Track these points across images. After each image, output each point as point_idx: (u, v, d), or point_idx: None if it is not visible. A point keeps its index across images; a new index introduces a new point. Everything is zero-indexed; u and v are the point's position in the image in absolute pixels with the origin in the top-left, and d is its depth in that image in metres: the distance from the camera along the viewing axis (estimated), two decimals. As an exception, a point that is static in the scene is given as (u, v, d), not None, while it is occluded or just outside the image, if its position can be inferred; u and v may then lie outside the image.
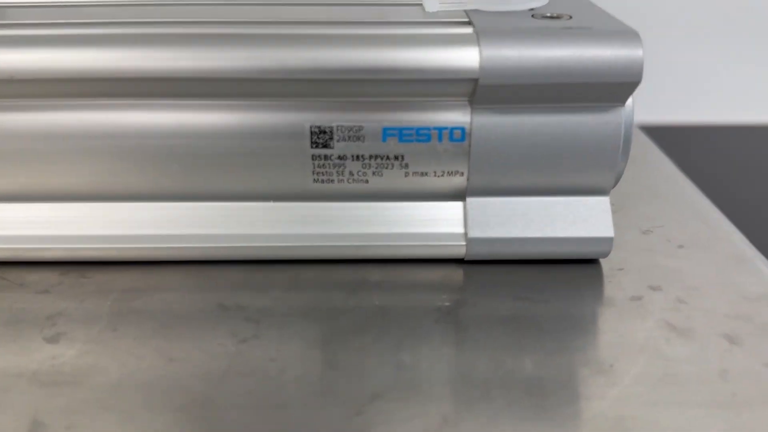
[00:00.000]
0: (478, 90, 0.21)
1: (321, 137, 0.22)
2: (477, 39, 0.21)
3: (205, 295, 0.23)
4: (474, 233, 0.23)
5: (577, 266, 0.24)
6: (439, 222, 0.24)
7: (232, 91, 0.22)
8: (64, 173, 0.23)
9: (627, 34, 0.21)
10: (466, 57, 0.21)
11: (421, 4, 0.25)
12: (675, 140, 0.81)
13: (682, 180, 0.32)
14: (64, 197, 0.24)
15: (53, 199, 0.24)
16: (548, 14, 0.23)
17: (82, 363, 0.20)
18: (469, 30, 0.22)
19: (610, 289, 0.23)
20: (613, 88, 0.21)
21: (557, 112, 0.22)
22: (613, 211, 0.25)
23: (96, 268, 0.24)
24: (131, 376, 0.19)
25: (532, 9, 0.23)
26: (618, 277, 0.24)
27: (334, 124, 0.22)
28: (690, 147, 0.82)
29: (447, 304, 0.23)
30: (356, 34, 0.21)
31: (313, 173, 0.23)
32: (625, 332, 0.21)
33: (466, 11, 0.23)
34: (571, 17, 0.23)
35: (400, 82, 0.21)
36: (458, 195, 0.24)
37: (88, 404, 0.18)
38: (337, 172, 0.23)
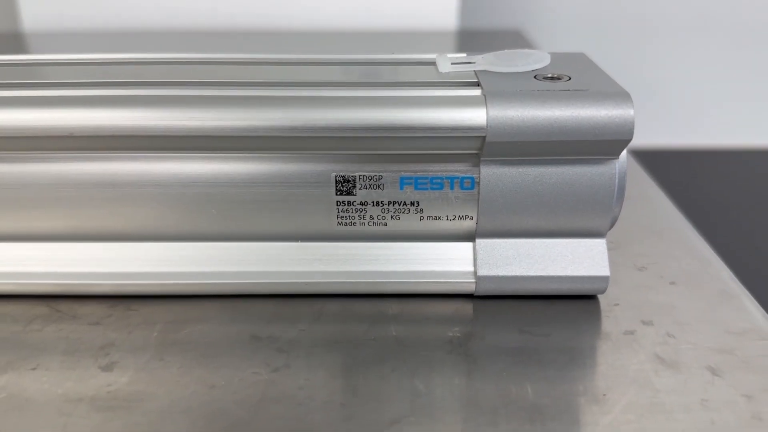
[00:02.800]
0: (485, 146, 0.24)
1: (345, 185, 0.25)
2: (485, 101, 0.23)
3: (240, 327, 0.25)
4: (483, 272, 0.26)
5: (576, 302, 0.27)
6: (450, 261, 0.26)
7: (266, 145, 0.24)
8: (114, 217, 0.26)
9: (620, 96, 0.24)
10: (475, 117, 0.23)
11: (434, 63, 0.28)
12: (665, 164, 0.83)
13: (675, 215, 0.34)
14: (113, 237, 0.26)
15: (103, 239, 0.26)
16: (549, 75, 0.25)
17: (134, 390, 0.22)
18: (477, 92, 0.24)
19: (606, 323, 0.25)
20: (607, 144, 0.24)
21: (557, 164, 0.24)
22: (611, 248, 0.27)
23: (141, 302, 0.26)
24: (177, 402, 0.22)
25: (535, 70, 0.26)
26: (614, 312, 0.26)
27: (356, 174, 0.25)
28: (680, 171, 0.85)
29: (458, 335, 0.25)
30: (377, 96, 0.24)
31: (338, 217, 0.26)
32: (619, 364, 0.23)
33: (475, 72, 0.26)
34: (570, 78, 0.25)
35: (417, 138, 0.24)
36: (468, 237, 0.26)
37: (141, 428, 0.21)
38: (359, 216, 0.26)
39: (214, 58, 0.29)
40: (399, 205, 0.25)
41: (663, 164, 0.83)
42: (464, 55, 0.28)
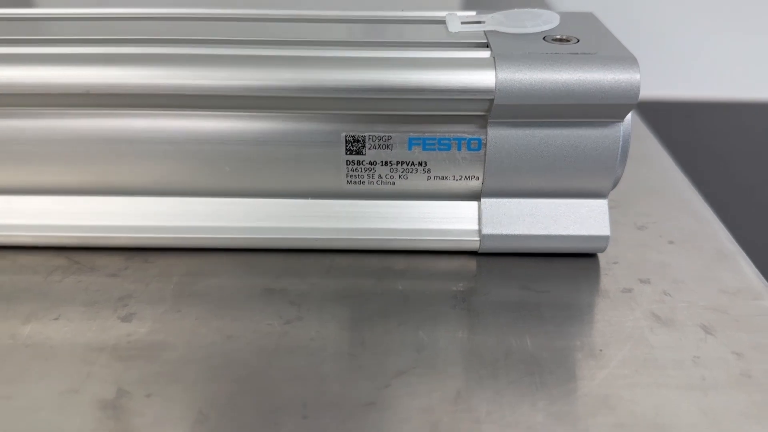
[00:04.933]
0: (493, 108, 0.24)
1: (354, 145, 0.26)
2: (494, 63, 0.24)
3: (254, 280, 0.26)
4: (487, 230, 0.27)
5: (577, 259, 0.27)
6: (456, 219, 0.27)
7: (277, 105, 0.25)
8: (130, 172, 0.26)
9: (626, 60, 0.24)
10: (484, 79, 0.24)
11: (443, 22, 0.28)
12: (668, 115, 0.83)
13: (675, 172, 0.35)
14: (130, 192, 0.27)
15: (120, 193, 0.27)
16: (558, 36, 0.26)
17: (153, 340, 0.23)
18: (486, 54, 0.25)
19: (605, 281, 0.26)
20: (612, 108, 0.24)
21: (563, 127, 0.25)
22: (612, 207, 0.28)
23: (157, 255, 0.27)
24: (195, 351, 0.23)
25: (544, 31, 0.26)
26: (613, 271, 0.27)
27: (366, 134, 0.25)
28: (681, 122, 0.84)
29: (462, 291, 0.26)
30: (387, 57, 0.24)
31: (347, 176, 0.26)
32: (616, 321, 0.24)
33: (485, 32, 0.26)
34: (578, 41, 0.25)
35: (425, 100, 0.24)
36: (474, 196, 0.27)
37: (160, 376, 0.22)
38: (367, 175, 0.26)
39: (224, 14, 0.29)
40: (407, 165, 0.26)
41: (664, 116, 0.83)
42: (473, 13, 0.29)
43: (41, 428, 0.20)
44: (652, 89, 0.82)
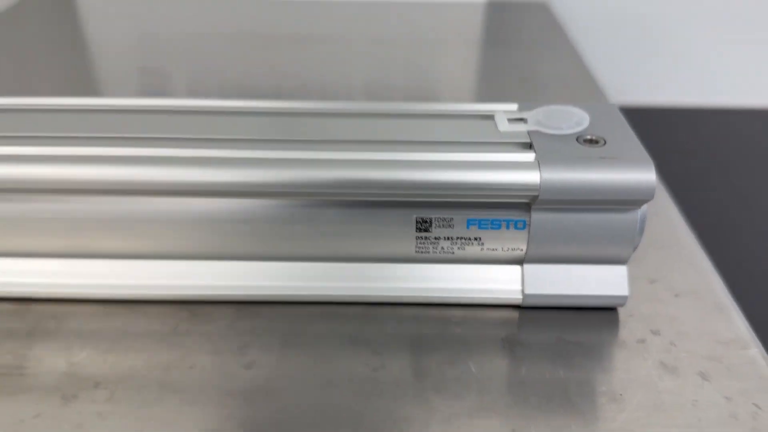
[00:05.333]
0: (537, 200, 0.30)
1: (423, 225, 0.32)
2: (539, 165, 0.30)
3: (342, 329, 0.33)
4: (528, 290, 0.33)
5: (601, 312, 0.34)
6: (503, 281, 0.33)
7: (363, 195, 0.31)
8: (246, 244, 0.33)
9: (644, 163, 0.30)
10: (531, 179, 0.30)
11: (491, 118, 0.34)
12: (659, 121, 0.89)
13: (681, 225, 0.41)
14: (244, 257, 0.33)
15: (236, 258, 0.33)
16: (588, 137, 0.32)
17: (272, 386, 0.30)
18: (532, 157, 0.31)
19: (623, 333, 0.33)
20: (632, 201, 0.30)
21: (592, 211, 0.31)
22: (630, 261, 0.34)
23: (264, 307, 0.34)
24: (306, 395, 0.29)
25: (576, 132, 0.32)
26: (629, 323, 0.33)
27: (433, 216, 0.32)
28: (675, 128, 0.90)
29: (507, 336, 0.32)
30: (452, 160, 0.31)
31: (416, 248, 0.33)
32: (632, 369, 0.31)
33: (528, 132, 0.32)
34: (605, 142, 0.31)
35: (482, 194, 0.30)
36: (518, 262, 0.33)
37: (284, 415, 0.28)
38: (432, 247, 0.32)
39: (280, 108, 0.35)
40: (465, 239, 0.32)
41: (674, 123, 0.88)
42: (515, 107, 0.35)
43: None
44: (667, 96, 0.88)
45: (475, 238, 0.32)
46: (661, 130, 0.86)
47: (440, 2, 0.81)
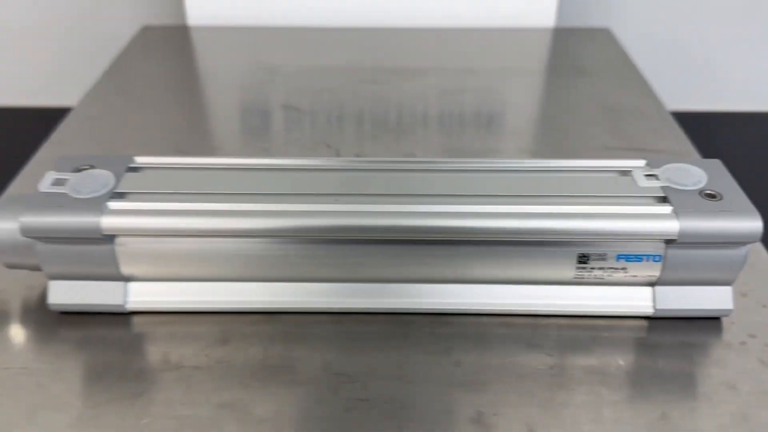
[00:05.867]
0: (674, 242, 0.41)
1: (582, 259, 0.42)
2: (676, 216, 0.40)
3: (515, 333, 0.43)
4: (659, 306, 0.44)
5: (709, 321, 0.45)
6: (639, 298, 0.44)
7: (545, 237, 0.42)
8: (378, 269, 0.43)
9: (753, 215, 0.41)
10: (671, 227, 0.40)
11: (629, 174, 0.44)
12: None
13: (758, 245, 0.52)
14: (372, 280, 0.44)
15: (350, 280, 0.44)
16: (708, 192, 0.42)
17: (479, 377, 0.41)
18: (669, 209, 0.41)
19: (727, 336, 0.44)
20: (742, 242, 0.41)
21: (711, 248, 0.42)
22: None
23: (459, 318, 0.45)
24: (504, 383, 0.40)
25: (698, 188, 0.43)
26: (731, 329, 0.44)
27: (590, 252, 0.42)
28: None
29: (642, 339, 0.43)
30: (609, 212, 0.41)
31: (574, 276, 0.43)
32: (739, 364, 0.42)
33: (661, 187, 0.43)
34: (722, 197, 0.42)
35: (633, 239, 0.41)
36: (651, 284, 0.44)
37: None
38: (587, 274, 0.43)
39: (446, 165, 0.46)
40: (613, 269, 0.43)
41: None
42: (643, 163, 0.45)
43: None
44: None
45: (622, 268, 0.43)
46: (723, 134, 0.96)
47: (507, 28, 0.91)
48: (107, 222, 0.40)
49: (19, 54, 1.00)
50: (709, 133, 0.97)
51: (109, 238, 0.41)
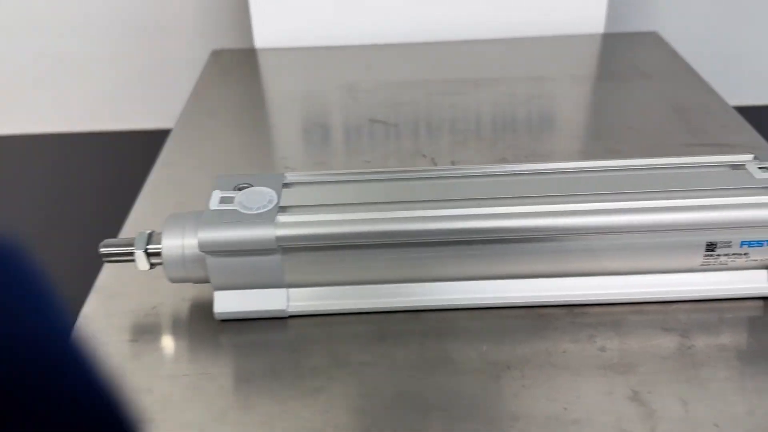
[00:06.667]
0: (795, 227, 0.45)
1: (710, 247, 0.46)
2: (797, 204, 0.45)
3: (649, 318, 0.47)
4: (776, 286, 0.48)
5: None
6: (759, 280, 0.48)
7: (677, 228, 0.45)
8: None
9: None
10: (793, 213, 0.44)
11: (743, 167, 0.48)
12: None
13: None
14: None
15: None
16: (819, 180, 0.46)
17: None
18: (790, 197, 0.45)
19: (844, 312, 0.48)
20: None
21: (826, 232, 0.46)
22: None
23: (589, 308, 0.48)
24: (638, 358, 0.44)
25: (810, 176, 0.47)
26: None
27: (716, 240, 0.46)
28: None
29: (756, 314, 0.47)
30: (736, 203, 0.45)
31: (701, 263, 0.47)
32: None
33: (775, 177, 0.47)
34: (833, 184, 0.46)
35: (755, 227, 0.45)
36: (767, 267, 0.48)
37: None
38: (713, 260, 0.47)
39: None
40: (737, 254, 0.47)
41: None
42: (751, 157, 0.49)
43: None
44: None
45: (744, 253, 0.47)
46: None
47: (559, 35, 0.95)
48: (281, 233, 0.44)
49: (90, 80, 1.03)
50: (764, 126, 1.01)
51: (280, 248, 0.45)
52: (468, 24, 0.94)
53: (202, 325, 0.49)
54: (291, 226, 0.45)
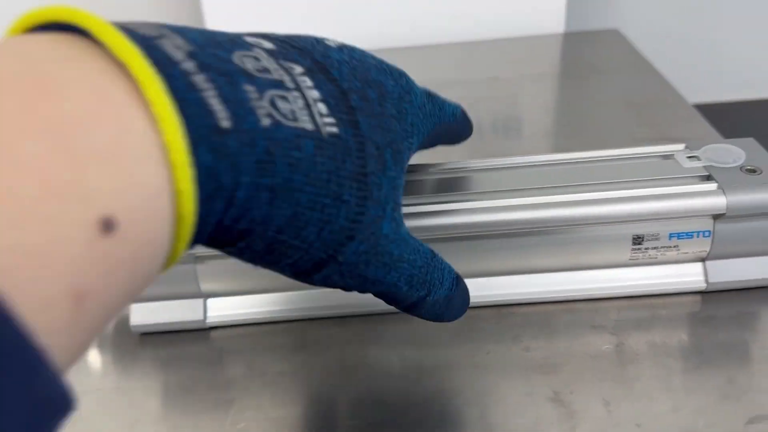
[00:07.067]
0: (721, 218, 0.43)
1: (637, 240, 0.45)
2: (723, 192, 0.43)
3: (579, 318, 0.45)
4: (711, 279, 0.46)
5: (762, 291, 0.47)
6: (692, 273, 0.46)
7: (604, 221, 0.44)
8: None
9: (795, 182, 0.43)
10: (719, 203, 0.43)
11: (672, 157, 0.47)
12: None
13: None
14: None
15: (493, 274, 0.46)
16: (748, 167, 0.45)
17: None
18: (715, 186, 0.43)
19: (781, 303, 0.46)
20: (789, 211, 0.43)
21: (758, 220, 0.44)
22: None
23: (529, 306, 0.47)
24: (576, 364, 0.42)
25: (738, 165, 0.45)
26: (784, 296, 0.46)
27: (644, 233, 0.45)
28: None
29: (699, 312, 0.45)
30: (661, 193, 0.43)
31: (630, 257, 0.45)
32: (797, 328, 0.44)
33: (704, 166, 0.45)
34: (762, 171, 0.44)
35: (685, 217, 0.43)
36: (701, 259, 0.46)
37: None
38: (641, 254, 0.45)
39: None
40: (667, 247, 0.45)
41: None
42: (683, 146, 0.47)
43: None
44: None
45: (674, 246, 0.45)
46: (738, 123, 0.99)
47: (520, 36, 0.94)
48: (189, 241, 0.43)
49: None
50: (724, 123, 0.99)
51: (193, 257, 0.44)
52: (423, 29, 0.93)
53: (126, 339, 0.48)
54: (200, 233, 0.43)
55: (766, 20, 0.96)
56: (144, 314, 0.46)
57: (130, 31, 0.21)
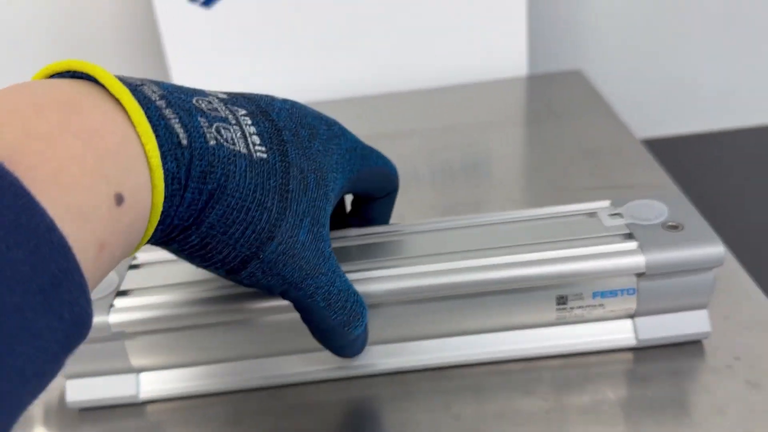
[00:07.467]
0: (643, 276, 0.43)
1: (561, 300, 0.45)
2: (642, 251, 0.43)
3: (510, 380, 0.45)
4: (641, 336, 0.46)
5: (692, 345, 0.46)
6: (621, 330, 0.46)
7: (524, 284, 0.44)
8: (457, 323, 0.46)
9: (714, 241, 0.43)
10: (638, 262, 0.43)
11: (595, 215, 0.47)
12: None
13: (733, 263, 0.54)
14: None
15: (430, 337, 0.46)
16: (670, 224, 0.45)
17: (477, 426, 0.43)
18: (635, 245, 0.44)
19: (711, 360, 0.45)
20: (707, 268, 0.43)
21: (681, 276, 0.44)
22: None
23: (467, 369, 0.47)
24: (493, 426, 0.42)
25: (660, 221, 0.45)
26: (716, 353, 0.46)
27: (568, 294, 0.45)
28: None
29: (630, 370, 0.45)
30: (581, 254, 0.44)
31: (557, 317, 0.46)
32: (727, 387, 0.43)
33: (626, 224, 0.45)
34: (683, 227, 0.44)
35: (605, 277, 0.43)
36: (630, 316, 0.46)
37: (491, 446, 0.41)
38: (567, 314, 0.46)
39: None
40: (592, 306, 0.45)
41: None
42: (608, 203, 0.48)
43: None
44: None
45: (599, 304, 0.45)
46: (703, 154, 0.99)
47: (483, 81, 0.95)
48: (115, 320, 0.44)
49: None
50: (689, 155, 0.99)
51: (121, 333, 0.44)
52: (386, 77, 0.94)
53: (68, 414, 0.49)
54: (128, 311, 0.44)
55: (726, 55, 0.97)
56: (80, 390, 0.47)
57: (122, 79, 0.30)
